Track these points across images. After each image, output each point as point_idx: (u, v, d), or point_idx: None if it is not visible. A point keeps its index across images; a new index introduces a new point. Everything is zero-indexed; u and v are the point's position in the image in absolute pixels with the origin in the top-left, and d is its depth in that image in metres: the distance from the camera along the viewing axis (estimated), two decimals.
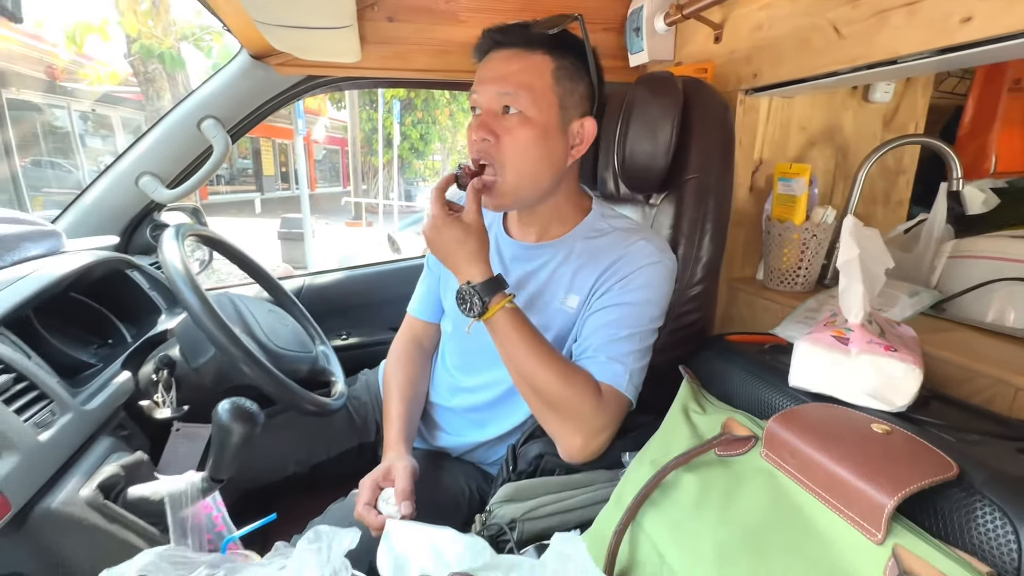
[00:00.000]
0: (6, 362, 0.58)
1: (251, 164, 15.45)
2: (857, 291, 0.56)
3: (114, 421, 0.73)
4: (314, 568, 0.41)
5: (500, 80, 0.71)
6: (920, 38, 0.63)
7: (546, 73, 0.71)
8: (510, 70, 0.71)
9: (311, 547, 0.42)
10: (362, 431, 1.04)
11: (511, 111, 0.71)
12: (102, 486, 0.58)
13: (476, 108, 0.75)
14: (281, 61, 1.08)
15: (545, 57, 0.71)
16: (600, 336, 0.73)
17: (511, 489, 0.70)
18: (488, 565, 0.52)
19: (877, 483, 0.41)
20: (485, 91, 0.72)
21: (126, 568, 0.39)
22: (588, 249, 0.79)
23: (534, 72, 0.71)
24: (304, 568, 0.42)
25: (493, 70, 0.73)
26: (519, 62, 0.71)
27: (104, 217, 1.09)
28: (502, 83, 0.71)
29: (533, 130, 0.71)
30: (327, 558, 0.40)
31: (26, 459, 0.52)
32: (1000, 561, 0.38)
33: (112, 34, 5.54)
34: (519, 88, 0.70)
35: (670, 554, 0.47)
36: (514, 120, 0.71)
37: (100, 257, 0.87)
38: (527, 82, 0.70)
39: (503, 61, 0.72)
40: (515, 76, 0.71)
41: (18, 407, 0.56)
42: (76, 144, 9.45)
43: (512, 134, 0.71)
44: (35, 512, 0.52)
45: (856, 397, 0.54)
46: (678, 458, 0.55)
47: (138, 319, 0.98)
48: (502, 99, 0.71)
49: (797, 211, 0.90)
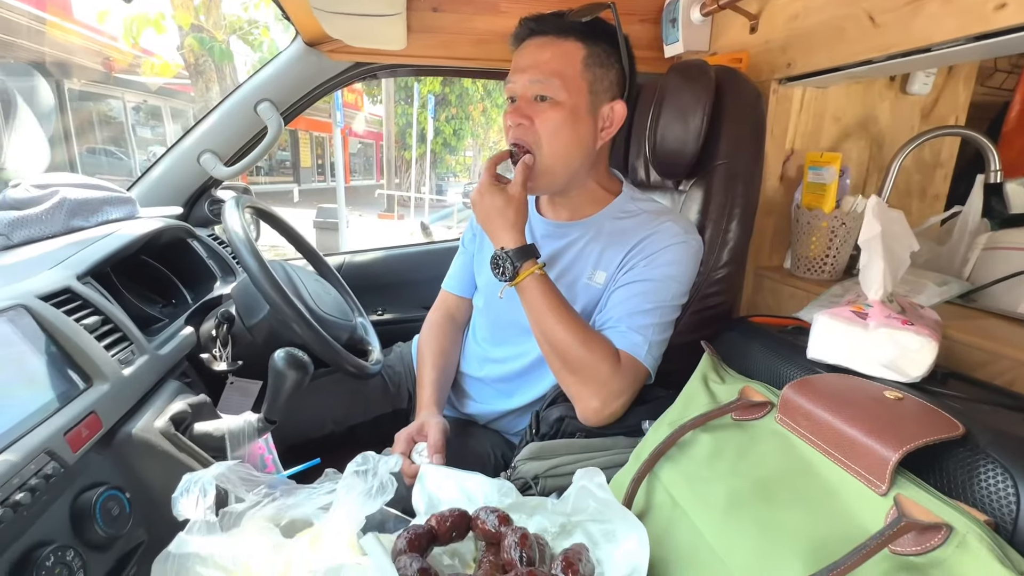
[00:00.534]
0: (96, 305, 0.66)
1: (289, 156, 15.93)
2: (878, 268, 0.58)
3: (180, 368, 0.81)
4: (361, 486, 0.46)
5: (533, 68, 0.76)
6: (955, 25, 0.64)
7: (576, 60, 0.76)
8: (542, 58, 0.76)
9: (359, 469, 0.47)
10: (395, 398, 1.11)
11: (544, 98, 0.76)
12: (173, 419, 0.66)
13: (512, 97, 0.79)
14: (333, 48, 1.15)
15: (577, 44, 0.76)
16: (623, 308, 0.77)
17: (535, 448, 0.75)
18: (514, 505, 0.56)
19: (883, 439, 0.44)
20: (519, 79, 0.77)
21: (204, 474, 0.45)
22: (617, 228, 0.83)
23: (565, 59, 0.75)
24: (353, 487, 0.47)
25: (527, 58, 0.77)
26: (552, 49, 0.76)
27: (169, 189, 1.18)
28: (535, 71, 0.75)
29: (563, 112, 0.75)
30: (374, 473, 0.45)
31: (113, 388, 0.60)
32: (999, 512, 0.40)
33: (166, 27, 5.82)
34: (551, 75, 0.75)
35: (683, 499, 0.51)
36: (546, 105, 0.76)
37: (167, 224, 0.96)
38: (558, 69, 0.75)
39: (537, 49, 0.77)
40: (547, 64, 0.75)
41: (105, 345, 0.64)
42: (128, 134, 9.96)
43: (543, 116, 0.76)
44: (119, 435, 0.60)
45: (872, 368, 0.56)
46: (695, 419, 0.58)
47: (196, 284, 1.07)
48: (535, 87, 0.76)
49: (827, 199, 0.91)
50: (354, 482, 0.50)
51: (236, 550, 0.38)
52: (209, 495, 0.42)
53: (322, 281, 1.07)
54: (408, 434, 0.80)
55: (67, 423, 0.52)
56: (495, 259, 0.75)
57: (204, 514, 0.41)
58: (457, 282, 1.02)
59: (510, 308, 0.88)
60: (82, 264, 0.71)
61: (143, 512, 0.57)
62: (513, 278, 0.73)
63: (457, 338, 1.01)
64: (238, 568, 0.37)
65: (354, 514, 0.42)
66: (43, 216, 0.80)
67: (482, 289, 0.97)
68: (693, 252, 0.81)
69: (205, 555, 0.37)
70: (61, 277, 0.65)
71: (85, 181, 0.89)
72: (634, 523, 0.44)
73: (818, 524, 0.44)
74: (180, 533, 0.39)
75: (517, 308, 0.87)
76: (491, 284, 0.91)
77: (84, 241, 0.78)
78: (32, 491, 0.44)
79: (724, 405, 0.59)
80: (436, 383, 0.91)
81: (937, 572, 0.37)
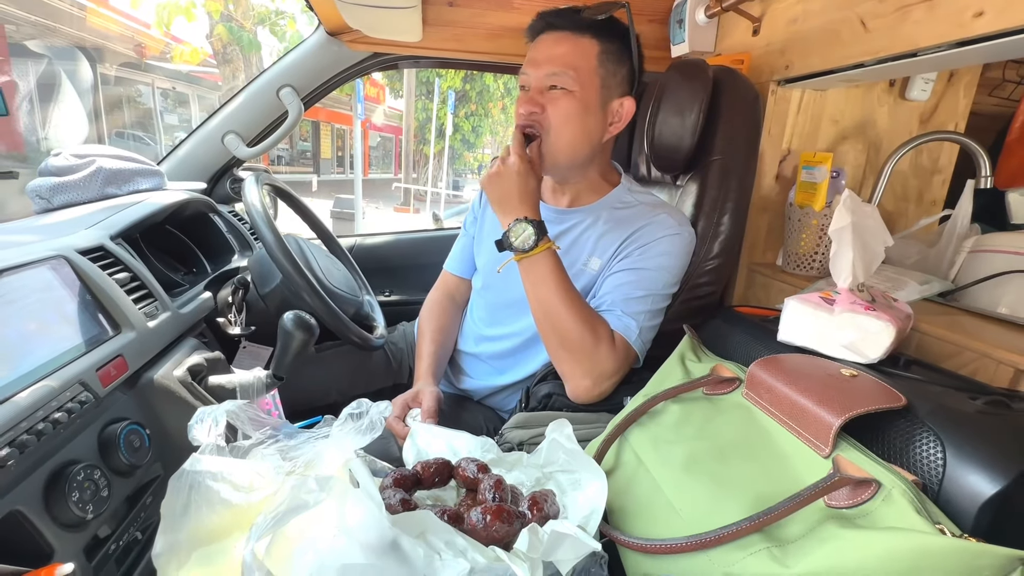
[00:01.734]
0: (125, 263, 0.73)
1: (310, 147, 16.18)
2: (847, 257, 0.62)
3: (198, 328, 0.88)
4: (353, 424, 0.51)
5: (549, 61, 0.79)
6: (938, 31, 0.68)
7: (592, 55, 0.79)
8: (559, 52, 0.79)
9: (353, 412, 0.53)
10: (397, 373, 1.16)
11: (556, 87, 0.78)
12: (190, 370, 0.72)
13: (525, 87, 0.83)
14: (352, 38, 1.21)
15: (592, 40, 0.79)
16: (617, 293, 0.81)
17: (522, 418, 0.80)
18: (494, 460, 0.61)
19: (830, 407, 0.48)
20: (534, 71, 0.80)
21: (217, 408, 0.51)
22: (614, 217, 0.87)
23: (580, 54, 0.78)
24: (346, 425, 0.52)
25: (544, 51, 0.80)
26: (568, 44, 0.79)
27: (195, 166, 1.26)
28: (551, 64, 0.78)
29: (574, 102, 0.78)
30: (366, 414, 0.51)
31: (139, 337, 0.66)
32: (928, 474, 0.44)
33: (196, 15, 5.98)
34: (566, 67, 0.78)
35: (647, 458, 0.55)
36: (558, 94, 0.79)
37: (192, 196, 1.03)
38: (573, 63, 0.78)
39: (554, 43, 0.80)
40: (563, 57, 0.78)
41: (133, 299, 0.70)
42: (157, 119, 10.21)
43: (556, 104, 0.79)
44: (142, 379, 0.66)
45: (834, 350, 0.60)
46: (667, 390, 0.63)
47: (216, 256, 1.13)
48: (550, 78, 0.78)
49: (818, 197, 0.94)
50: (348, 422, 0.55)
51: (243, 468, 0.44)
52: (220, 424, 0.48)
53: (333, 258, 1.13)
54: (404, 400, 0.85)
55: (98, 361, 0.58)
56: (516, 227, 0.73)
57: (215, 439, 0.46)
58: (458, 263, 1.07)
59: (507, 288, 0.92)
60: (115, 226, 0.78)
61: (160, 449, 0.63)
62: (531, 248, 0.73)
63: (456, 317, 1.06)
64: (244, 482, 0.43)
65: (346, 445, 0.47)
66: (80, 183, 0.87)
67: (481, 270, 1.02)
68: (686, 244, 0.85)
69: (215, 471, 0.43)
70: (96, 236, 0.72)
71: (119, 153, 0.96)
72: (596, 471, 0.49)
73: (766, 481, 0.48)
74: (194, 454, 0.45)
75: (513, 288, 0.92)
76: (490, 265, 0.96)
77: (117, 207, 0.85)
78: (68, 412, 0.50)
79: (695, 379, 0.63)
80: (433, 356, 0.96)
81: (863, 521, 0.41)
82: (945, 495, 0.43)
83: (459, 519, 0.46)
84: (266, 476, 0.44)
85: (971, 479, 0.42)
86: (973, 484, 0.41)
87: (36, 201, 0.87)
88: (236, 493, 0.43)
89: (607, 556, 0.44)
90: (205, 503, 0.41)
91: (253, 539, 0.32)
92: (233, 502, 0.43)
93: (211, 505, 0.42)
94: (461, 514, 0.46)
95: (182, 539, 0.42)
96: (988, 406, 0.49)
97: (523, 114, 0.81)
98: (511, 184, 0.74)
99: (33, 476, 0.47)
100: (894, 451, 0.47)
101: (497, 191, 0.76)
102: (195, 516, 0.41)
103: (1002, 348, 0.62)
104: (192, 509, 0.41)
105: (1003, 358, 0.61)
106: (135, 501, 0.60)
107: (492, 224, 0.98)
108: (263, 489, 0.43)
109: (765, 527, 0.43)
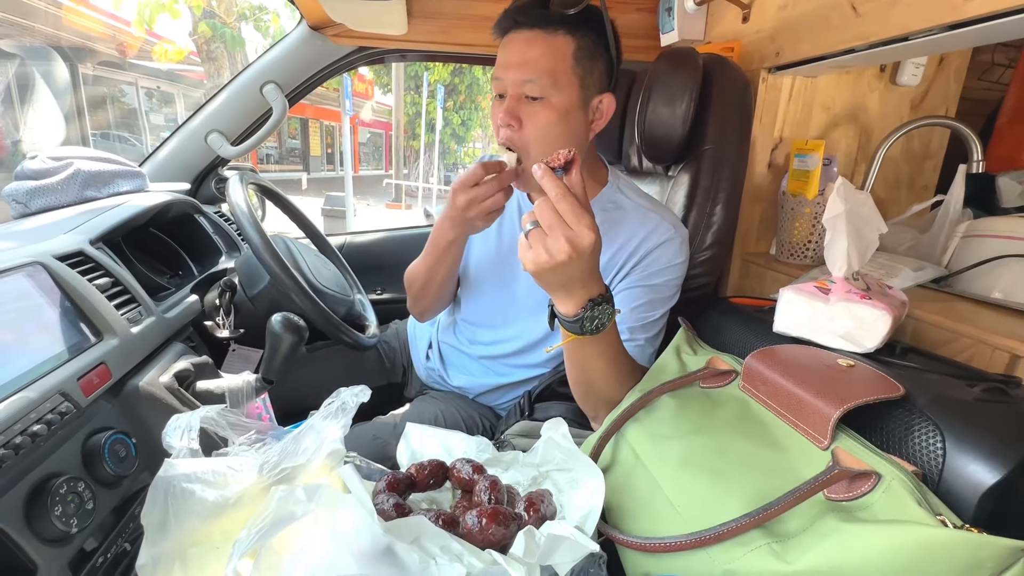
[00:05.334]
0: (106, 268, 0.71)
1: (299, 144, 16.03)
2: (841, 246, 0.61)
3: (185, 333, 0.86)
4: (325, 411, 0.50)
5: (522, 66, 0.71)
6: (929, 15, 0.67)
7: (567, 55, 0.72)
8: (531, 55, 0.71)
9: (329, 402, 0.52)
10: (390, 372, 1.15)
11: (534, 98, 0.72)
12: (177, 376, 0.70)
13: (501, 95, 0.75)
14: (336, 32, 1.19)
15: (567, 38, 0.72)
16: (633, 318, 0.79)
17: (526, 426, 0.78)
18: (490, 460, 0.60)
19: (828, 399, 0.47)
20: (507, 76, 0.73)
21: (191, 416, 0.49)
22: (608, 220, 0.82)
23: (556, 56, 0.71)
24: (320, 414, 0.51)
25: (515, 54, 0.72)
26: (541, 45, 0.71)
27: (178, 167, 1.23)
28: (524, 69, 0.71)
29: (555, 113, 0.72)
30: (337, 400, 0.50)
31: (122, 343, 0.65)
32: (928, 465, 0.44)
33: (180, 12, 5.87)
34: (541, 74, 0.71)
35: (644, 454, 0.55)
36: (537, 106, 0.72)
37: (175, 197, 1.00)
38: (549, 67, 0.71)
39: (525, 44, 0.72)
40: (537, 62, 0.71)
41: (115, 304, 0.68)
42: (142, 119, 10.06)
43: (534, 118, 0.72)
44: (127, 386, 0.65)
45: (831, 340, 0.59)
46: (663, 384, 0.62)
47: (202, 258, 1.11)
48: (525, 86, 0.72)
49: (810, 186, 0.93)
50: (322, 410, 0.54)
51: (215, 464, 0.43)
52: (194, 430, 0.46)
53: (322, 257, 1.11)
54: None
55: (79, 370, 0.56)
56: (594, 311, 0.57)
57: (189, 444, 0.45)
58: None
59: (505, 293, 0.90)
60: (95, 230, 0.75)
61: (147, 458, 0.61)
62: (605, 325, 0.59)
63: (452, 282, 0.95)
64: (217, 479, 0.42)
65: (325, 433, 0.47)
66: (58, 186, 0.84)
67: (472, 271, 0.95)
68: (684, 243, 0.83)
69: (188, 472, 0.42)
70: (75, 240, 0.70)
71: (98, 155, 0.94)
72: (593, 470, 0.48)
73: (765, 475, 0.48)
74: (167, 459, 0.43)
75: (511, 294, 0.90)
76: (485, 268, 0.92)
77: (96, 210, 0.82)
78: (48, 424, 0.49)
79: (691, 373, 0.63)
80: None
81: (864, 514, 0.41)
82: (946, 485, 0.42)
83: (454, 523, 0.45)
84: (240, 469, 0.43)
85: (971, 468, 0.41)
86: (973, 473, 0.41)
87: (13, 206, 0.84)
88: (211, 490, 0.42)
89: (606, 556, 0.43)
90: (183, 506, 0.40)
91: (236, 556, 0.31)
92: (209, 500, 0.41)
93: (189, 507, 0.40)
94: (456, 518, 0.45)
95: (166, 548, 0.40)
96: (986, 393, 0.49)
97: (500, 125, 0.74)
98: (584, 265, 0.54)
99: (12, 491, 0.45)
100: (893, 441, 0.47)
101: (562, 277, 0.55)
102: (175, 522, 0.40)
103: (997, 334, 0.62)
104: (171, 515, 0.40)
105: (999, 343, 0.61)
106: (123, 512, 0.58)
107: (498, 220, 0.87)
108: (238, 483, 0.42)
109: (765, 523, 0.42)
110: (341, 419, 0.48)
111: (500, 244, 0.91)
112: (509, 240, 0.91)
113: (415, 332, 1.12)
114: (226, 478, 0.41)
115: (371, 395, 1.13)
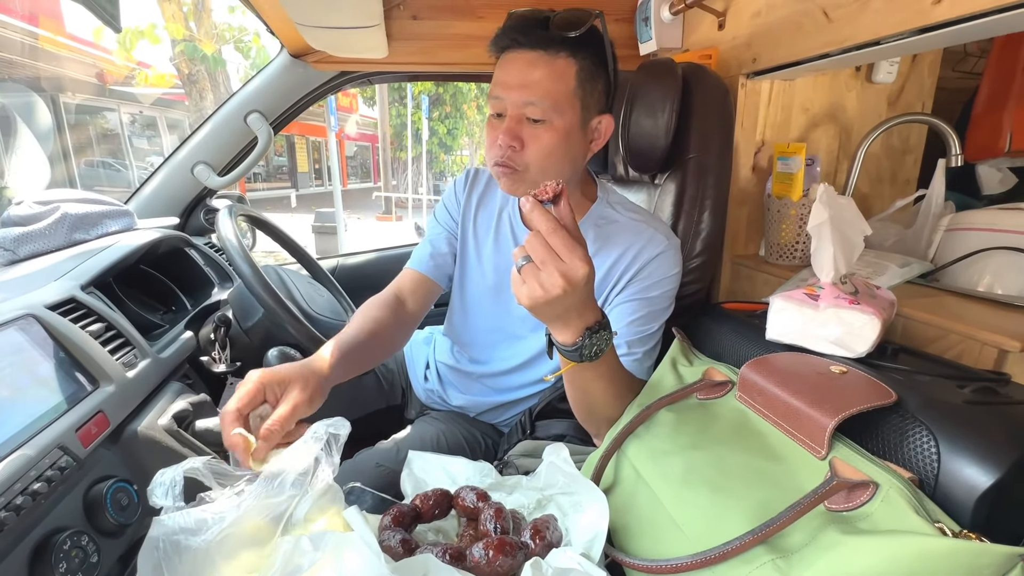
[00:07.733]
0: (99, 313, 0.71)
1: (286, 161, 15.99)
2: (828, 252, 0.62)
3: (181, 371, 0.86)
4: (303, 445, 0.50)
5: (524, 88, 0.70)
6: (898, 20, 0.68)
7: (570, 78, 0.71)
8: (533, 77, 0.70)
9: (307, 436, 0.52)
10: (389, 395, 1.15)
11: (536, 120, 0.71)
12: (175, 417, 0.70)
13: (500, 114, 0.74)
14: (317, 59, 1.19)
15: (568, 60, 0.71)
16: (630, 332, 0.79)
17: (529, 446, 0.79)
18: (493, 485, 0.61)
19: (823, 409, 0.48)
20: (508, 96, 0.72)
21: (175, 469, 0.48)
22: (601, 236, 0.83)
23: (558, 79, 0.70)
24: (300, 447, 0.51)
25: (515, 75, 0.71)
26: (543, 68, 0.70)
27: (165, 201, 1.23)
28: (526, 91, 0.70)
29: (556, 136, 0.72)
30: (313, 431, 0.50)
31: (119, 389, 0.64)
32: (924, 470, 0.44)
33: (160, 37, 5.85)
34: (543, 96, 0.70)
35: (646, 472, 0.55)
36: (539, 129, 0.72)
37: (165, 234, 1.00)
38: (551, 90, 0.70)
39: (526, 66, 0.71)
40: (539, 84, 0.70)
41: (110, 350, 0.68)
42: (125, 145, 10.03)
43: (537, 140, 0.72)
44: (126, 432, 0.64)
45: (822, 346, 0.60)
46: (661, 399, 0.62)
47: (195, 291, 1.11)
48: (526, 108, 0.71)
49: (795, 188, 0.94)
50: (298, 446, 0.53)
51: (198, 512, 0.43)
52: (178, 485, 0.46)
53: (315, 283, 1.11)
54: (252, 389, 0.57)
55: (77, 421, 0.56)
56: (592, 338, 0.56)
57: (174, 501, 0.45)
58: (427, 262, 0.91)
59: (503, 315, 0.90)
60: (85, 275, 0.75)
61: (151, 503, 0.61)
62: (602, 351, 0.58)
63: (399, 323, 0.84)
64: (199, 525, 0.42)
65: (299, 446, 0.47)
66: (46, 231, 0.84)
67: (467, 291, 0.94)
68: (676, 253, 0.83)
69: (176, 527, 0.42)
70: (66, 287, 0.70)
71: (84, 196, 0.93)
72: (596, 494, 0.48)
73: (765, 488, 0.48)
74: (155, 518, 0.43)
75: (509, 315, 0.90)
76: (481, 289, 0.92)
77: (86, 253, 0.82)
78: (48, 481, 0.49)
79: (688, 386, 0.63)
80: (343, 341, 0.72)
81: (864, 524, 0.41)
82: (942, 489, 0.43)
83: (461, 557, 0.45)
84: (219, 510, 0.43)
85: (966, 472, 0.42)
86: (968, 477, 0.42)
87: (0, 253, 0.84)
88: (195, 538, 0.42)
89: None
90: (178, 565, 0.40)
91: None
92: (193, 547, 0.42)
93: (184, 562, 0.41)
94: (463, 551, 0.46)
95: None
96: (977, 394, 0.49)
97: (501, 146, 0.72)
98: (580, 296, 0.53)
99: (15, 552, 0.45)
100: (889, 447, 0.47)
101: (558, 309, 0.54)
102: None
103: (985, 329, 0.63)
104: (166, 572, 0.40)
105: (987, 339, 0.62)
106: (128, 560, 0.58)
107: (493, 240, 0.90)
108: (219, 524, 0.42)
109: (768, 538, 0.43)
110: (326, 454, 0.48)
111: (496, 264, 0.91)
112: (504, 260, 0.91)
113: (412, 353, 1.12)
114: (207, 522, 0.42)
115: (371, 420, 1.13)
